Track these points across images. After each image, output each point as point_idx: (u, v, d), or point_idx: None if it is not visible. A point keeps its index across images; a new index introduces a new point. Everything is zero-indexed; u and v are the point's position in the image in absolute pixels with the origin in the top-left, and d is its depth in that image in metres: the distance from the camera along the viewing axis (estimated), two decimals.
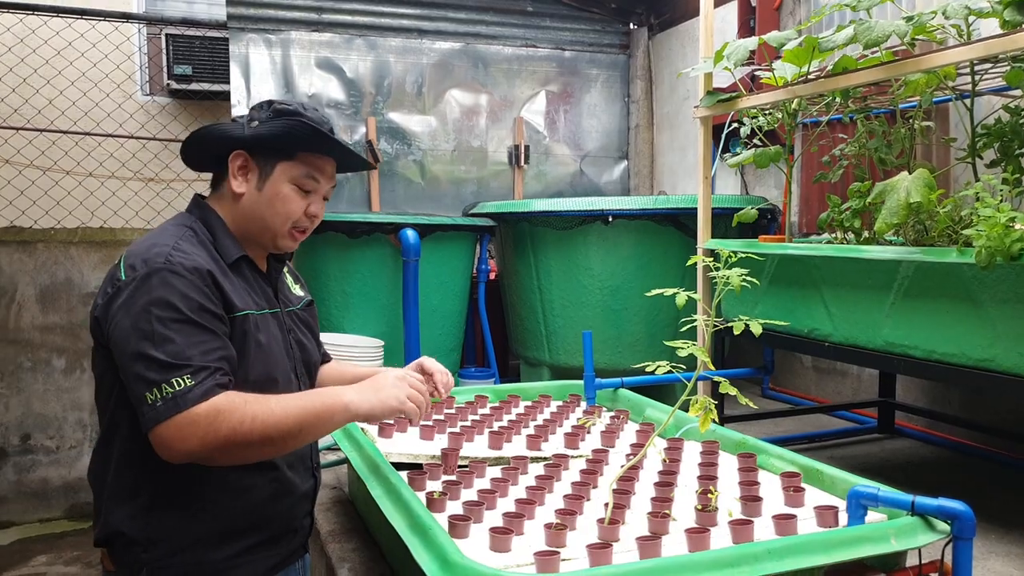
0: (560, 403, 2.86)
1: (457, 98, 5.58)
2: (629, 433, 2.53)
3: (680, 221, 4.00)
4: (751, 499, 1.85)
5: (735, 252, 1.96)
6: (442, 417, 2.56)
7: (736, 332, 1.88)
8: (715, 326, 1.91)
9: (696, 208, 3.51)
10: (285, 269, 1.87)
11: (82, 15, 5.00)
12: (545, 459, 2.22)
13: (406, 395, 1.66)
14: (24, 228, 4.90)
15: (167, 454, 1.43)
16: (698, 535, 1.63)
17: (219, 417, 1.42)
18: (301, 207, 1.69)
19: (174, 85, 5.70)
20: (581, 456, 2.28)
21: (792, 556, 1.49)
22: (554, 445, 2.37)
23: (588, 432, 2.50)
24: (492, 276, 4.88)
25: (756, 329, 1.87)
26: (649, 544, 1.59)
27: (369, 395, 1.62)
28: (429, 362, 1.97)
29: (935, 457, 3.35)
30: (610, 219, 3.94)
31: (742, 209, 3.46)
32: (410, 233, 3.98)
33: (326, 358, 2.03)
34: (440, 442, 2.33)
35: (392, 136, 5.43)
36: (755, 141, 3.50)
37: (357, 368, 2.05)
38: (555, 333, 4.28)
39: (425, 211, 5.18)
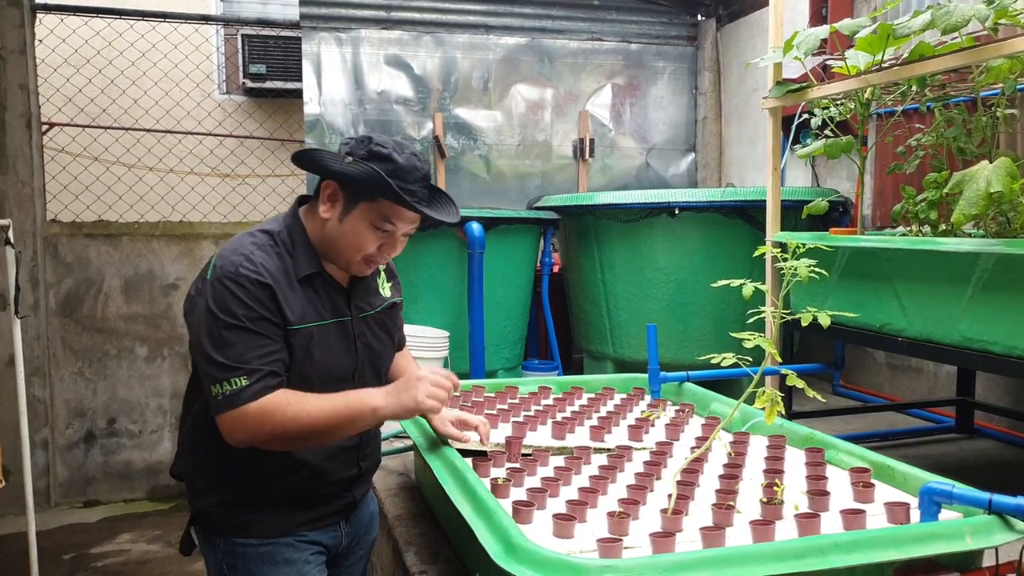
0: (624, 396, 2.85)
1: (522, 93, 5.60)
2: (694, 427, 2.51)
3: (748, 214, 3.94)
4: (818, 493, 1.82)
5: (803, 244, 1.93)
6: (506, 407, 2.59)
7: (804, 324, 1.85)
8: (782, 318, 1.89)
9: (765, 200, 3.45)
10: (382, 269, 2.01)
11: (165, 18, 5.19)
12: (608, 450, 2.22)
13: (425, 394, 1.79)
14: (111, 222, 5.11)
15: (226, 438, 1.69)
16: (763, 527, 1.62)
17: (264, 416, 1.65)
18: (374, 245, 1.79)
19: (249, 84, 5.87)
20: (645, 448, 2.27)
21: (860, 550, 1.46)
22: (617, 437, 2.37)
23: (652, 425, 2.49)
24: (556, 269, 4.90)
25: (824, 321, 1.84)
26: (712, 534, 1.58)
27: (393, 398, 1.78)
28: (466, 415, 2.17)
29: (1018, 459, 3.23)
30: (676, 211, 3.91)
31: (812, 201, 3.39)
32: (475, 226, 4.02)
33: (400, 345, 2.16)
34: (504, 431, 2.36)
35: (458, 131, 5.48)
36: (826, 132, 3.43)
37: (408, 361, 2.21)
38: (619, 327, 4.26)
39: (490, 205, 5.21)
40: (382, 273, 2.03)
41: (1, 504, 4.59)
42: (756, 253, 2.00)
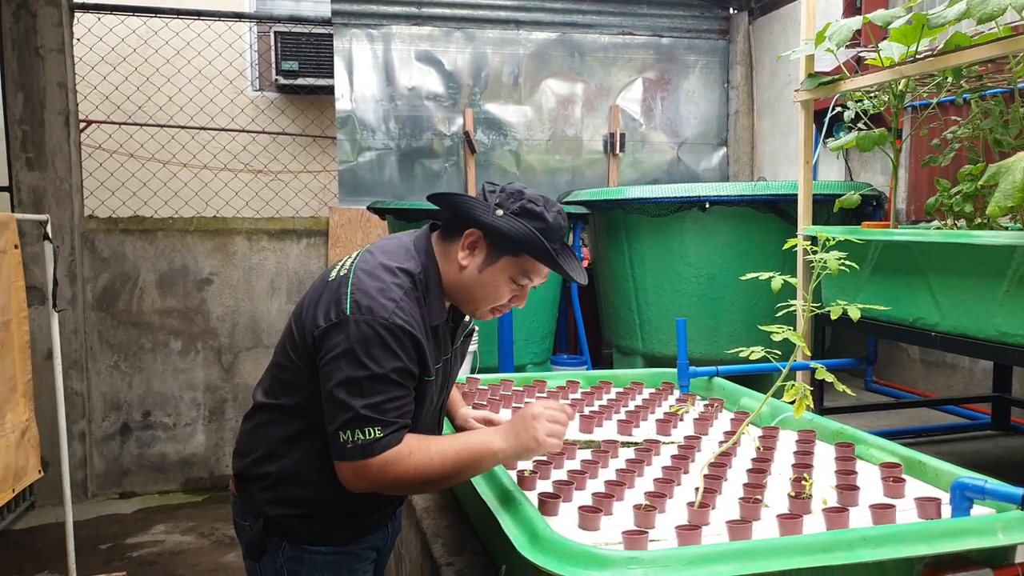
0: (653, 390, 2.84)
1: (553, 88, 5.59)
2: (723, 421, 2.50)
3: (780, 208, 3.89)
4: (847, 488, 1.80)
5: (833, 237, 1.91)
6: (534, 400, 2.59)
7: (833, 317, 1.84)
8: (812, 312, 1.87)
9: (797, 194, 3.42)
10: None
11: (199, 16, 5.27)
12: (636, 444, 2.21)
13: (545, 432, 1.70)
14: (146, 218, 5.19)
15: (345, 484, 1.66)
16: (790, 521, 1.60)
17: (388, 467, 1.61)
18: (508, 296, 1.79)
19: (282, 80, 5.93)
20: (672, 442, 2.26)
21: (889, 545, 1.45)
22: (645, 431, 2.36)
23: (680, 419, 2.48)
24: (585, 264, 4.89)
25: (854, 314, 1.82)
26: (739, 528, 1.57)
27: (512, 439, 1.70)
28: (492, 415, 2.17)
29: None
30: (707, 206, 3.88)
31: (844, 195, 3.35)
32: None
33: None
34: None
35: (488, 127, 5.49)
36: (860, 125, 3.38)
37: (456, 397, 2.19)
38: (649, 322, 4.24)
39: None
40: None
41: (40, 494, 4.70)
42: (786, 246, 1.99)
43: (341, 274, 1.71)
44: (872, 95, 3.30)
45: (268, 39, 6.05)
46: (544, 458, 2.03)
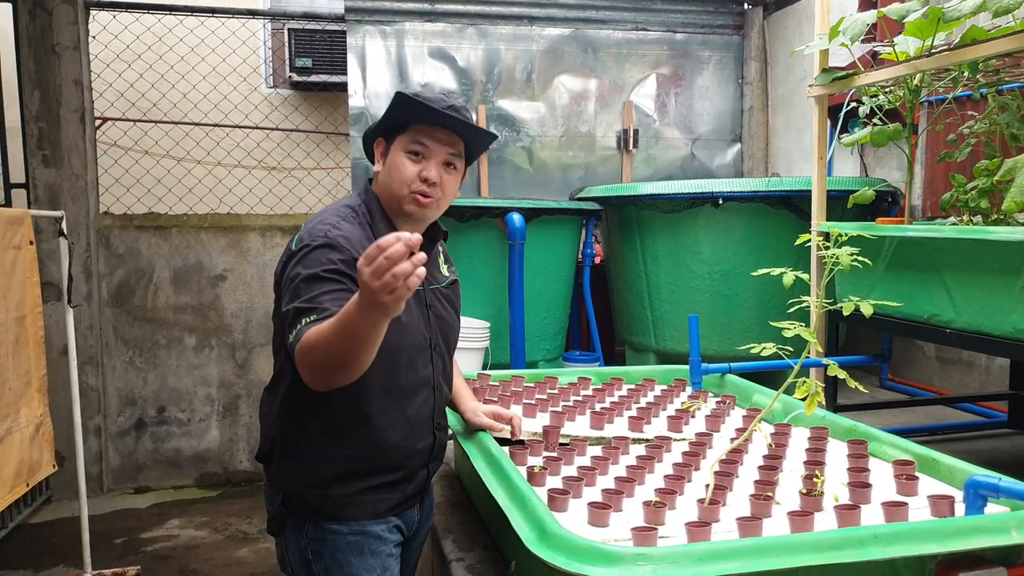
0: (664, 387, 2.83)
1: (566, 84, 5.57)
2: (735, 418, 2.49)
3: (794, 204, 3.87)
4: (859, 485, 1.79)
5: (846, 232, 1.90)
6: (545, 396, 2.59)
7: (846, 313, 1.82)
8: (824, 307, 1.86)
9: (810, 191, 3.39)
10: (442, 249, 2.11)
11: (213, 13, 5.28)
12: (647, 441, 2.21)
13: (368, 276, 1.39)
14: (160, 214, 5.22)
15: (305, 380, 1.62)
16: (801, 518, 1.59)
17: (303, 348, 1.58)
18: (414, 172, 1.85)
19: (295, 77, 5.94)
20: (684, 439, 2.25)
21: (901, 542, 1.43)
22: (656, 427, 2.35)
23: (692, 416, 2.47)
24: (598, 260, 4.87)
25: (867, 310, 1.81)
26: (749, 524, 1.56)
27: (365, 293, 1.41)
28: (500, 409, 2.18)
29: None
30: (720, 202, 3.86)
31: (859, 191, 3.32)
32: (516, 217, 4.02)
33: None
34: (542, 420, 2.36)
35: (501, 123, 5.48)
36: (875, 121, 3.35)
37: (457, 380, 2.22)
38: (661, 319, 4.23)
39: (533, 197, 5.21)
40: (440, 255, 2.10)
41: (57, 489, 4.74)
42: (798, 241, 1.97)
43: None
44: (887, 90, 3.27)
45: (282, 36, 6.07)
46: (554, 454, 2.04)
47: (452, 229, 4.27)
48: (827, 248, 1.88)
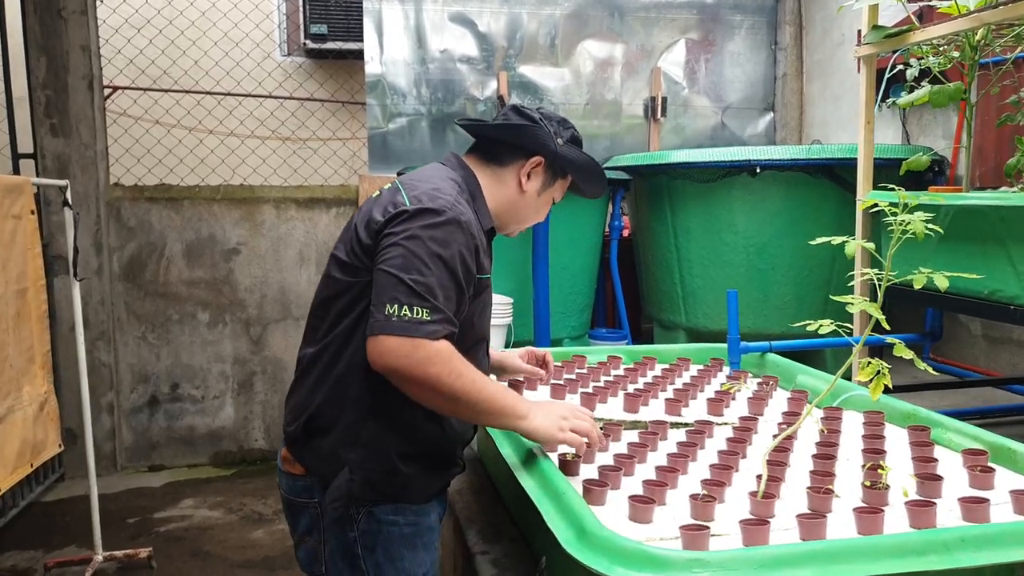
0: (701, 367, 2.66)
1: (591, 50, 5.36)
2: (779, 400, 2.31)
3: (836, 173, 3.66)
4: (928, 478, 1.61)
5: (914, 198, 1.71)
6: (573, 376, 2.42)
7: (917, 286, 1.64)
8: (890, 280, 1.68)
9: (854, 158, 3.19)
10: None
11: None
12: (687, 425, 2.04)
13: (570, 427, 1.70)
14: (172, 186, 5.09)
15: (375, 359, 1.54)
16: (868, 516, 1.42)
17: (437, 357, 1.53)
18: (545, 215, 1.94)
19: (310, 44, 5.77)
20: (726, 424, 2.09)
21: (992, 547, 1.26)
22: (696, 411, 2.19)
23: (733, 398, 2.30)
24: (625, 234, 4.68)
25: (942, 283, 1.63)
26: (812, 523, 1.39)
27: (538, 417, 1.68)
28: (533, 349, 2.25)
29: None
30: (758, 170, 3.65)
31: (905, 160, 3.11)
32: None
33: None
34: (571, 402, 2.19)
35: (523, 91, 5.28)
36: (924, 83, 3.14)
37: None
38: (692, 294, 4.04)
39: None
40: None
41: (70, 466, 4.65)
42: (862, 205, 1.79)
43: (386, 188, 1.74)
44: (940, 49, 3.06)
45: (296, 1, 5.89)
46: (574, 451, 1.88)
47: None
48: (893, 213, 1.70)
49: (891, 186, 1.86)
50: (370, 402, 1.67)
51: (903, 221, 1.66)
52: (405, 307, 1.52)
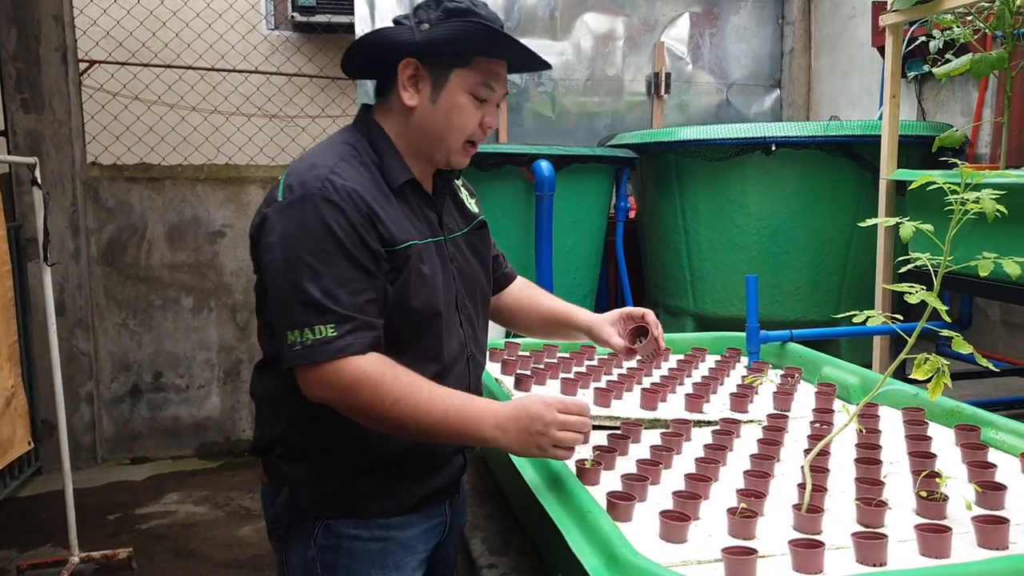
0: (718, 358, 2.50)
1: (591, 24, 5.14)
2: (806, 395, 2.14)
3: (854, 151, 3.47)
4: (992, 487, 1.44)
5: (979, 174, 1.53)
6: (584, 370, 2.24)
7: (983, 274, 1.47)
8: (947, 266, 1.53)
9: (875, 135, 3.02)
10: (460, 183, 1.74)
11: None
12: (711, 423, 1.87)
13: (553, 443, 1.41)
14: (153, 165, 4.87)
15: (305, 392, 1.40)
16: (934, 536, 1.25)
17: (363, 383, 1.36)
18: (476, 118, 1.53)
19: (298, 17, 5.57)
20: (753, 422, 1.92)
21: None
22: (718, 407, 2.02)
23: (756, 393, 2.13)
24: (631, 216, 4.50)
25: (1014, 270, 1.46)
26: (870, 545, 1.22)
27: (513, 437, 1.41)
28: (631, 309, 1.86)
29: None
30: (773, 148, 3.46)
31: (925, 137, 2.94)
32: (544, 165, 3.65)
33: (510, 276, 1.93)
34: (584, 399, 2.01)
35: None
36: (947, 56, 2.97)
37: (552, 302, 1.96)
38: (702, 279, 3.87)
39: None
40: (462, 189, 1.74)
41: (48, 459, 4.46)
42: (913, 185, 1.61)
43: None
44: (969, 18, 2.88)
45: None
46: (606, 443, 1.69)
47: (472, 179, 3.87)
48: (953, 192, 1.53)
49: (909, 171, 1.68)
50: (310, 416, 1.47)
51: (965, 200, 1.49)
52: (306, 330, 1.34)
